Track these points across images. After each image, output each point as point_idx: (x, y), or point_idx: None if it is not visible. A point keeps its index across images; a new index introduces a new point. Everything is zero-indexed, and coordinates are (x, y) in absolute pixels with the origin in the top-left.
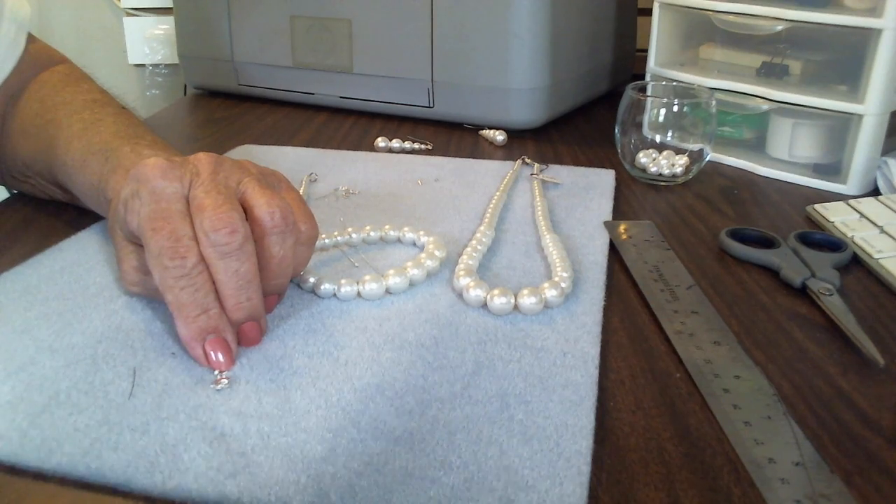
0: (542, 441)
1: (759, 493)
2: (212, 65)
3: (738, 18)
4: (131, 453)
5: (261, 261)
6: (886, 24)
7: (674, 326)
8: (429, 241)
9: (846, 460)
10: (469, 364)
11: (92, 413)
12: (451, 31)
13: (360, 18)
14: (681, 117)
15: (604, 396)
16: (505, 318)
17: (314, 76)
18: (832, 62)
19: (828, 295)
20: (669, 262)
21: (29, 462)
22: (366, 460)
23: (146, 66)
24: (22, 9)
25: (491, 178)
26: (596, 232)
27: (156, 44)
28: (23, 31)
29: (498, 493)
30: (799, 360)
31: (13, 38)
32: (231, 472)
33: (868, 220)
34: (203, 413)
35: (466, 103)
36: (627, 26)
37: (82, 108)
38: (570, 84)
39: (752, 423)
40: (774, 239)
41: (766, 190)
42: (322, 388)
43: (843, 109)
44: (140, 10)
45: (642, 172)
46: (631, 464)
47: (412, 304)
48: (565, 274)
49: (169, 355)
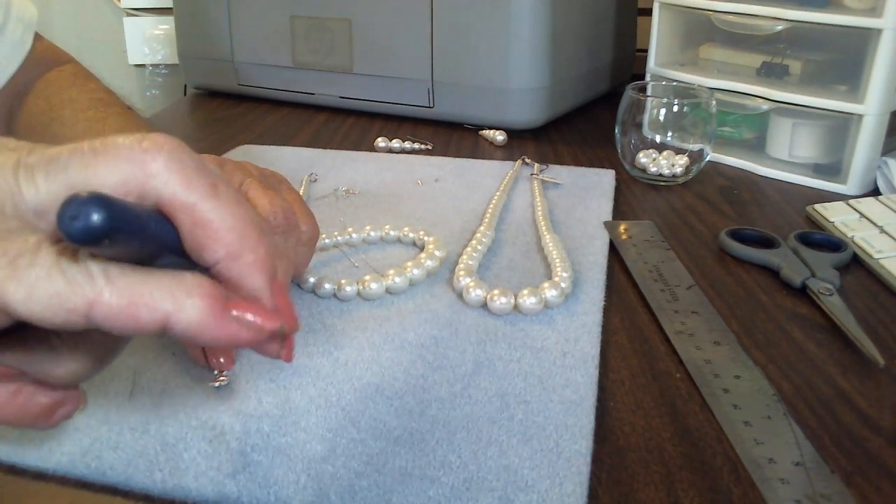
0: (541, 441)
1: (759, 493)
2: (212, 65)
3: (738, 18)
4: (131, 452)
5: None
6: (886, 24)
7: (674, 326)
8: (429, 241)
9: (846, 460)
10: (469, 364)
11: (92, 412)
12: (451, 31)
13: (360, 18)
14: (681, 117)
15: (604, 396)
16: (505, 318)
17: (314, 76)
18: (832, 62)
19: (828, 295)
20: (669, 262)
21: (29, 462)
22: (365, 460)
23: (146, 66)
24: (29, 9)
25: (491, 178)
26: (596, 232)
27: (156, 44)
28: (30, 31)
29: (497, 493)
30: (799, 360)
31: (20, 38)
32: (231, 471)
33: (868, 220)
34: (203, 412)
35: (466, 103)
36: (627, 26)
37: (88, 107)
38: (570, 84)
39: (752, 423)
40: (774, 239)
41: (766, 190)
42: (322, 388)
43: (843, 109)
44: (140, 10)
45: (642, 172)
46: (631, 464)
47: (412, 304)
48: (565, 274)
49: (169, 355)
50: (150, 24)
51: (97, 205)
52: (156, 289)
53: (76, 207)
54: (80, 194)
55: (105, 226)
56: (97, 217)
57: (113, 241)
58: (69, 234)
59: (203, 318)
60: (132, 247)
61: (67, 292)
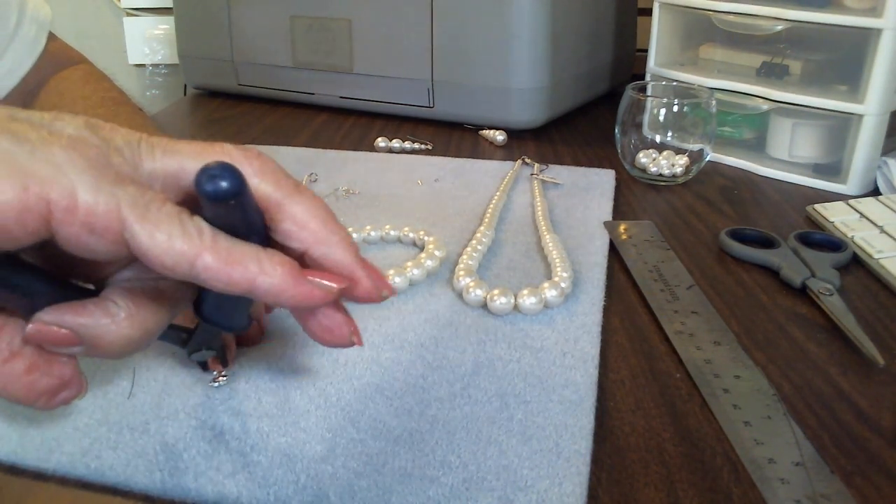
0: (541, 441)
1: (759, 493)
2: (212, 65)
3: (738, 18)
4: (131, 452)
5: None
6: (886, 24)
7: (674, 326)
8: (429, 241)
9: (846, 460)
10: (468, 364)
11: (91, 412)
12: (451, 31)
13: (360, 18)
14: (681, 117)
15: (604, 396)
16: (505, 318)
17: (314, 76)
18: (832, 62)
19: (828, 295)
20: (669, 262)
21: (29, 462)
22: (365, 460)
23: (146, 66)
24: (43, 9)
25: (491, 178)
26: (596, 232)
27: (156, 44)
28: (43, 31)
29: (497, 493)
30: (799, 360)
31: (34, 37)
32: (230, 471)
33: (868, 220)
34: (202, 412)
35: (466, 103)
36: (627, 26)
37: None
38: (570, 84)
39: (752, 423)
40: (774, 239)
41: (766, 190)
42: (321, 388)
43: (843, 109)
44: (140, 10)
45: (642, 172)
46: (631, 464)
47: (412, 304)
48: (565, 274)
49: (169, 355)
50: (150, 24)
51: (231, 171)
52: (247, 254)
53: (216, 169)
54: (217, 162)
55: (236, 189)
56: (232, 180)
57: (236, 204)
58: (209, 190)
59: (284, 279)
60: (237, 218)
61: (183, 240)
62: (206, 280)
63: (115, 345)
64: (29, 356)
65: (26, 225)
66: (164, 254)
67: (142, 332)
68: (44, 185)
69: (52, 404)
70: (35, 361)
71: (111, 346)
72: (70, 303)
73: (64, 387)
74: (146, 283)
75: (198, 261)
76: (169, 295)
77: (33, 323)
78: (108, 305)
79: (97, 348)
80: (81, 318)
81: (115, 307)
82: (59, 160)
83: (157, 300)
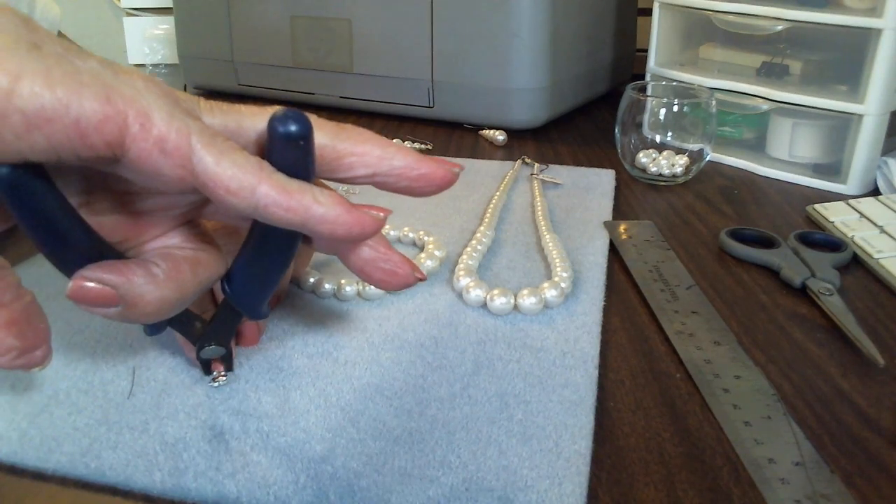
0: (541, 441)
1: (759, 493)
2: (212, 65)
3: (738, 18)
4: (131, 452)
5: None
6: (886, 24)
7: (674, 326)
8: (429, 241)
9: (846, 460)
10: (468, 364)
11: (91, 412)
12: (451, 31)
13: (360, 18)
14: (681, 117)
15: (604, 396)
16: (505, 318)
17: (314, 76)
18: (832, 62)
19: (828, 295)
20: (669, 262)
21: (29, 462)
22: (365, 460)
23: (146, 66)
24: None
25: (491, 178)
26: (596, 232)
27: (156, 44)
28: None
29: (497, 493)
30: (799, 360)
31: None
32: (230, 471)
33: (868, 220)
34: (202, 412)
35: (466, 103)
36: (627, 26)
37: None
38: (570, 84)
39: (752, 423)
40: (774, 239)
41: (766, 190)
42: (321, 388)
43: (843, 109)
44: (140, 10)
45: (642, 172)
46: (631, 464)
47: (412, 304)
48: (565, 274)
49: (169, 355)
50: (150, 24)
51: (302, 116)
52: (303, 186)
53: (290, 113)
54: (289, 108)
55: (305, 131)
56: (303, 122)
57: (304, 145)
58: (283, 131)
59: (336, 208)
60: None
61: (247, 168)
62: (265, 207)
63: (151, 305)
64: (13, 311)
65: (104, 133)
66: (230, 179)
67: (179, 295)
68: (125, 101)
69: (13, 365)
70: (16, 318)
71: (147, 307)
72: (112, 261)
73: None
74: (185, 252)
75: (259, 188)
76: (204, 264)
77: (74, 279)
78: (149, 266)
79: (134, 308)
80: (124, 276)
81: (157, 268)
82: (139, 86)
83: (195, 267)
